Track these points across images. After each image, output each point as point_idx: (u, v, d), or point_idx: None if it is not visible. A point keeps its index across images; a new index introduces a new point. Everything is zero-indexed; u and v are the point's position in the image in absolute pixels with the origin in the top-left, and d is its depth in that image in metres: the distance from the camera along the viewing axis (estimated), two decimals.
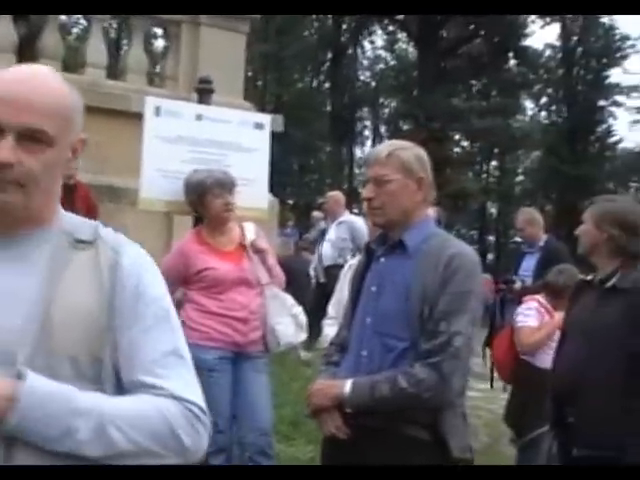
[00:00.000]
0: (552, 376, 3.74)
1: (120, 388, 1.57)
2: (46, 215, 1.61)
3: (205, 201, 4.82)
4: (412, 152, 3.04)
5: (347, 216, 10.07)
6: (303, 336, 5.04)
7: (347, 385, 2.89)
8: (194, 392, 1.60)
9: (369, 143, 41.60)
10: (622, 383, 3.33)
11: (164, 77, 9.51)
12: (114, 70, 10.20)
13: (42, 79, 1.59)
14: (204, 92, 5.86)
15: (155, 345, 1.59)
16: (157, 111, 5.30)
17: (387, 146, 3.10)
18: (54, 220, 1.63)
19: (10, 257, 1.56)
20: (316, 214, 14.59)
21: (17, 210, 1.55)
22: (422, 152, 3.09)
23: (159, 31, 15.86)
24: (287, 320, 4.88)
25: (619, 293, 3.43)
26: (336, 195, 10.52)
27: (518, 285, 7.38)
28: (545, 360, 4.67)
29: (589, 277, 3.70)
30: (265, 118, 5.85)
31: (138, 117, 5.42)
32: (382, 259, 3.04)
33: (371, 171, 3.05)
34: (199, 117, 5.48)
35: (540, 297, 5.64)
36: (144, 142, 5.23)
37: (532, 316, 5.54)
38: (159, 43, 27.92)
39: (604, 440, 3.33)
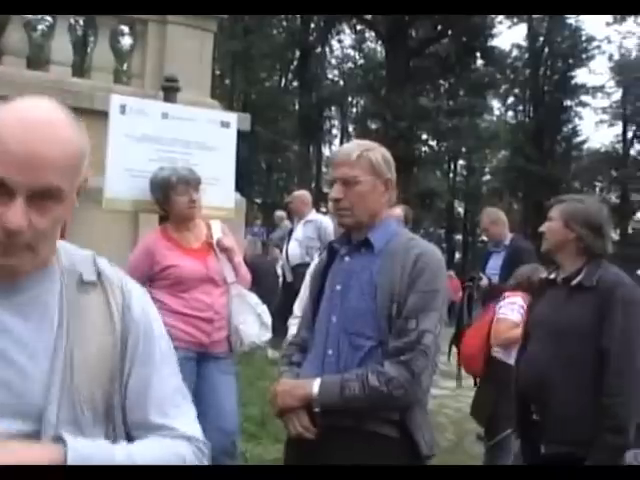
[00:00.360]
0: (517, 374, 3.76)
1: (126, 426, 1.59)
2: (49, 256, 1.58)
3: (170, 198, 4.79)
4: (380, 153, 3.03)
5: (314, 215, 10.04)
6: (268, 335, 4.99)
7: (315, 384, 2.85)
8: (197, 428, 1.68)
9: (337, 142, 41.72)
10: (592, 380, 3.36)
11: (130, 75, 9.43)
12: (80, 68, 10.09)
13: (52, 126, 1.47)
14: (170, 90, 5.81)
15: (162, 385, 1.64)
16: (122, 109, 5.24)
17: (355, 146, 3.05)
18: (54, 257, 1.60)
19: (19, 303, 1.52)
20: (279, 214, 14.47)
21: (25, 268, 1.51)
22: (387, 152, 3.08)
23: (126, 29, 15.72)
24: (251, 319, 4.84)
25: (585, 291, 3.46)
26: (302, 195, 10.46)
27: (485, 282, 7.38)
28: None
29: (552, 275, 3.73)
30: (231, 117, 5.80)
31: (103, 115, 5.36)
32: (347, 258, 3.03)
33: (339, 172, 3.00)
34: (165, 115, 5.41)
35: (522, 293, 5.65)
36: (109, 141, 5.16)
37: (515, 310, 5.55)
38: (126, 41, 27.83)
39: (574, 437, 3.36)
